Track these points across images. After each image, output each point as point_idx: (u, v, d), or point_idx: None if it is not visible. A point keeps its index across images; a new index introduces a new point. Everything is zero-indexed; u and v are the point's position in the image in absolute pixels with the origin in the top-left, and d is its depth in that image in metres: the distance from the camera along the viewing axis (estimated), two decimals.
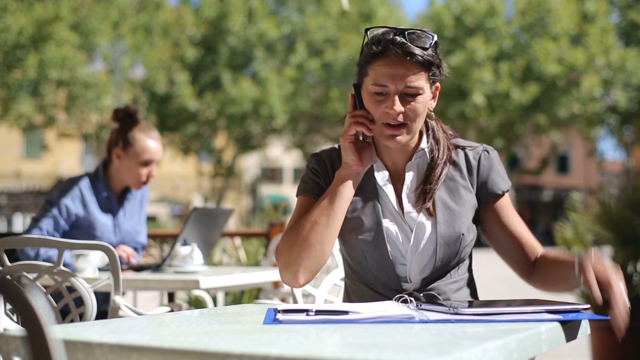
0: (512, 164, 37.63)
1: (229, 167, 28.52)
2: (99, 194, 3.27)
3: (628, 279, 4.89)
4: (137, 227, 3.38)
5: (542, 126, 27.54)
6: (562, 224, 5.64)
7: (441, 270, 1.90)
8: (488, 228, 1.97)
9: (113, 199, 3.30)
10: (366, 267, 1.91)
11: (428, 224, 1.88)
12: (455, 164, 1.95)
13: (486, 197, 1.94)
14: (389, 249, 1.88)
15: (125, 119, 3.29)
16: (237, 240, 5.76)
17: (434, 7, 27.45)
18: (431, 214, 1.89)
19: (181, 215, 33.14)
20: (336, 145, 2.02)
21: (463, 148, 1.96)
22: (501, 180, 1.96)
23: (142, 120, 3.32)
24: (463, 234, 1.88)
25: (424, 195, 1.90)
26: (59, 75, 20.84)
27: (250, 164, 37.09)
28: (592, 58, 25.62)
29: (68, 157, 33.30)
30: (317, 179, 1.96)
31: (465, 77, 25.40)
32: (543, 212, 41.32)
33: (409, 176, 1.93)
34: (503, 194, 1.95)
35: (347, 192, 1.85)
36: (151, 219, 26.25)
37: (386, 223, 1.89)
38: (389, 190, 1.92)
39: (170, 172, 33.75)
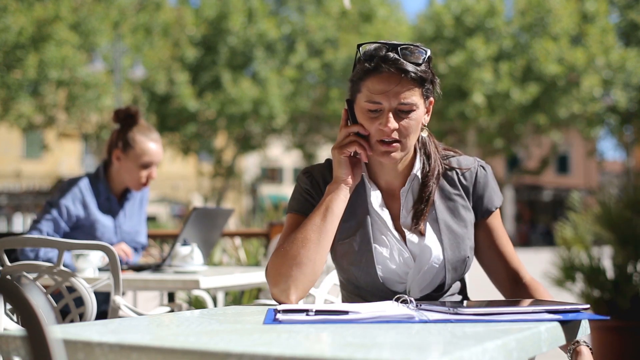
0: (512, 164, 37.62)
1: (229, 167, 28.52)
2: (99, 195, 3.27)
3: (628, 279, 4.89)
4: (137, 227, 3.38)
5: (542, 126, 27.55)
6: (562, 224, 5.64)
7: (443, 288, 1.90)
8: (477, 243, 1.95)
9: (113, 200, 3.30)
10: (360, 287, 1.91)
11: (433, 246, 1.86)
12: (452, 183, 1.92)
13: (481, 214, 1.93)
14: (379, 274, 1.86)
15: (126, 120, 3.29)
16: (237, 240, 5.76)
17: (433, 7, 27.45)
18: (422, 233, 1.87)
19: (181, 215, 33.14)
20: (327, 159, 1.97)
21: (458, 166, 1.93)
22: (496, 197, 1.95)
23: (142, 122, 3.32)
24: (468, 257, 1.89)
25: (416, 216, 1.88)
26: (59, 75, 20.85)
27: (250, 164, 37.09)
28: (592, 58, 25.63)
29: (68, 157, 33.31)
30: (309, 198, 1.92)
31: (465, 77, 25.40)
32: (543, 212, 41.32)
33: (405, 202, 1.91)
34: (496, 210, 1.95)
35: (337, 208, 1.83)
36: (151, 219, 26.24)
37: (379, 248, 1.87)
38: (384, 214, 1.89)
39: (170, 172, 33.76)
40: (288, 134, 28.94)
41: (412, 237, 1.87)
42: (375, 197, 1.91)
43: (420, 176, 1.91)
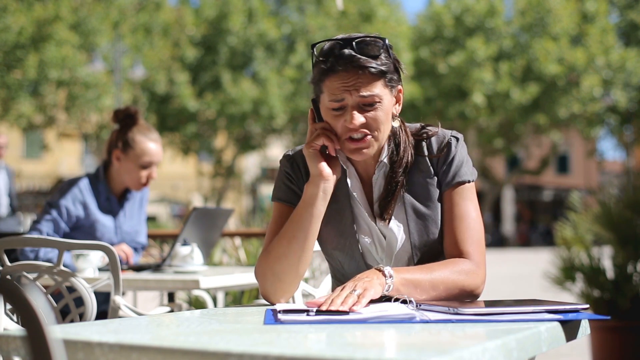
0: (512, 164, 37.60)
1: (229, 167, 28.52)
2: (99, 195, 3.27)
3: (628, 279, 4.89)
4: (137, 227, 3.38)
5: (542, 126, 27.55)
6: (562, 224, 5.64)
7: None
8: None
9: (113, 200, 3.30)
10: (346, 274, 1.90)
11: (399, 234, 1.85)
12: (423, 167, 1.88)
13: (446, 184, 1.86)
14: (364, 259, 1.86)
15: (126, 121, 3.29)
16: (237, 240, 5.75)
17: (433, 7, 27.46)
18: (389, 219, 1.85)
19: (181, 215, 33.14)
20: None
21: (429, 152, 1.88)
22: (465, 168, 1.87)
23: (142, 122, 3.31)
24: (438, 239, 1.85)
25: (385, 204, 1.86)
26: (59, 75, 20.83)
27: (250, 164, 37.08)
28: (592, 58, 25.64)
29: (68, 157, 33.31)
30: (291, 184, 1.92)
31: (465, 77, 25.41)
32: (543, 212, 41.31)
33: (377, 189, 1.89)
34: (463, 183, 1.85)
35: (317, 209, 1.81)
36: (151, 219, 26.25)
37: (360, 232, 1.87)
38: (361, 199, 1.89)
39: (170, 172, 33.75)
40: (288, 134, 28.94)
41: (381, 223, 1.87)
42: (354, 182, 1.90)
43: (388, 164, 1.88)
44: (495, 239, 36.34)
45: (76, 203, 3.19)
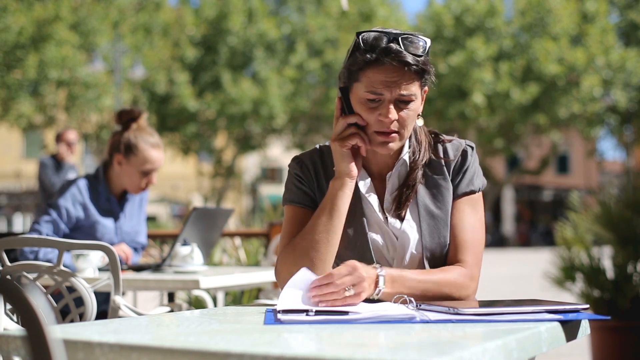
0: (512, 164, 37.61)
1: (229, 167, 28.53)
2: (99, 196, 3.26)
3: (628, 279, 4.89)
4: (137, 227, 3.38)
5: (542, 126, 27.56)
6: (562, 224, 5.64)
7: None
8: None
9: (113, 201, 3.30)
10: None
11: (412, 234, 1.85)
12: (438, 169, 1.90)
13: (457, 192, 1.89)
14: (375, 260, 1.85)
15: (129, 123, 3.27)
16: (237, 240, 5.76)
17: (433, 7, 27.47)
18: (403, 217, 1.86)
19: (181, 215, 33.14)
20: (317, 146, 1.97)
21: (445, 155, 1.91)
22: (477, 179, 1.91)
23: (143, 124, 3.30)
24: (449, 243, 1.86)
25: (399, 199, 1.87)
26: (59, 75, 20.85)
27: (250, 164, 37.08)
28: (592, 58, 25.65)
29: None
30: (303, 186, 1.92)
31: (465, 77, 25.41)
32: (543, 212, 41.31)
33: (390, 186, 1.90)
34: (473, 193, 1.89)
35: (343, 204, 1.82)
36: (151, 219, 26.24)
37: (371, 233, 1.87)
38: (372, 199, 1.89)
39: (170, 172, 33.75)
40: (288, 134, 28.95)
41: (394, 222, 1.87)
42: (363, 183, 1.90)
43: (408, 162, 1.90)
44: (495, 239, 36.35)
45: (76, 204, 3.18)
